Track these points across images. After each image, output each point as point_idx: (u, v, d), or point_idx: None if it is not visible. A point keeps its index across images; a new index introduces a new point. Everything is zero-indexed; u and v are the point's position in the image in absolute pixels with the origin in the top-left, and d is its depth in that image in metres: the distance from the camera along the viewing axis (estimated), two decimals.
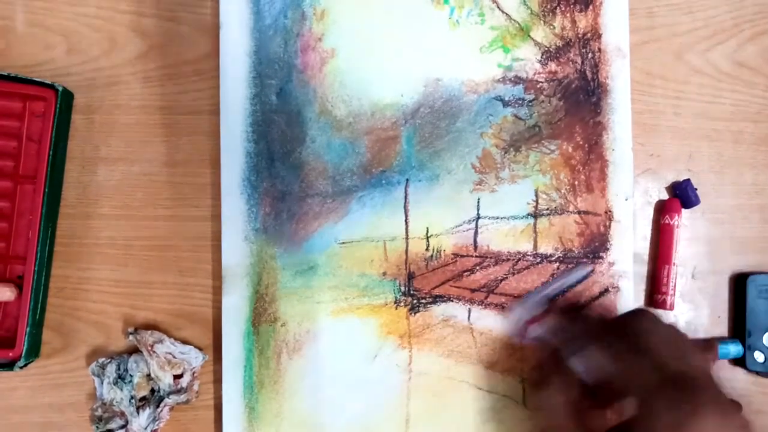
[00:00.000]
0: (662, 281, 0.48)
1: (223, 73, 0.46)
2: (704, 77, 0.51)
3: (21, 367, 0.43)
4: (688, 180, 0.49)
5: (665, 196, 0.50)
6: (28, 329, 0.43)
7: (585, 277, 0.47)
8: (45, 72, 0.47)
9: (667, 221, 0.48)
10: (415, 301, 0.47)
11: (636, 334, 0.39)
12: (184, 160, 0.47)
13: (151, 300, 0.47)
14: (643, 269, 0.50)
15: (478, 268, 0.47)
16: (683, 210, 0.49)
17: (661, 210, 0.49)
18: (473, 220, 0.47)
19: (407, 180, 0.47)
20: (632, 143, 0.48)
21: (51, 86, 0.44)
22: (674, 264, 0.48)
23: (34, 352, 0.45)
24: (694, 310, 0.50)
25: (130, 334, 0.45)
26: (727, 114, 0.51)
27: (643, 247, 0.50)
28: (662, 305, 0.48)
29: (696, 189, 0.49)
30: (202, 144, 0.47)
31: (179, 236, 0.47)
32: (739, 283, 0.50)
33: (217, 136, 0.46)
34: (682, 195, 0.49)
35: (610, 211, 0.47)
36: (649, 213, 0.50)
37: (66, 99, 0.45)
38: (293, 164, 0.46)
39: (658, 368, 0.36)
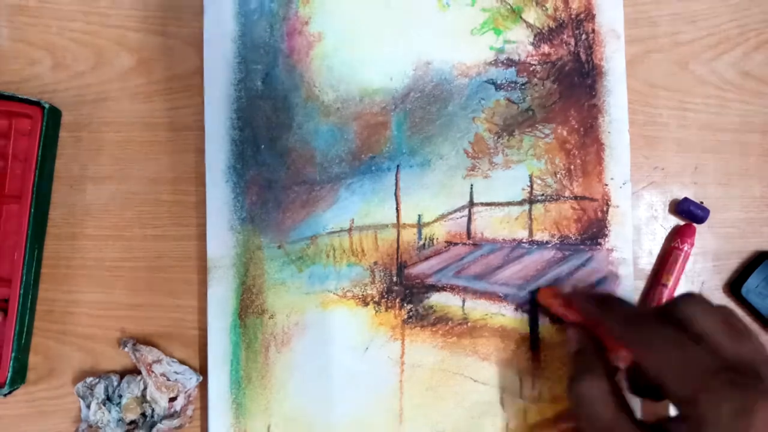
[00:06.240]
0: (650, 302, 0.46)
1: (207, 59, 0.45)
2: (709, 87, 0.49)
3: (5, 395, 0.42)
4: (686, 198, 0.47)
5: (669, 211, 0.48)
6: (13, 354, 0.41)
7: (583, 264, 0.46)
8: (31, 88, 0.46)
9: (676, 245, 0.47)
10: (407, 292, 0.45)
11: (686, 318, 0.35)
12: (175, 178, 0.46)
13: (141, 323, 0.45)
14: (641, 285, 0.48)
15: (471, 256, 0.46)
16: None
17: (675, 232, 0.48)
18: (466, 207, 0.46)
19: (398, 166, 0.46)
20: (633, 146, 0.47)
21: (37, 103, 0.43)
22: (663, 285, 0.46)
23: (19, 378, 0.43)
24: None
25: (126, 345, 0.43)
26: (734, 125, 0.49)
27: (648, 262, 0.48)
28: None
29: (701, 202, 0.48)
30: (193, 161, 0.46)
31: (169, 257, 0.46)
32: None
33: None
34: (688, 215, 0.47)
35: (607, 196, 0.46)
36: (654, 228, 0.48)
37: (53, 116, 0.44)
38: (280, 151, 0.45)
39: (713, 354, 0.33)
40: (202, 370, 0.45)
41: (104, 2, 0.47)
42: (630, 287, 0.46)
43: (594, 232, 0.46)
